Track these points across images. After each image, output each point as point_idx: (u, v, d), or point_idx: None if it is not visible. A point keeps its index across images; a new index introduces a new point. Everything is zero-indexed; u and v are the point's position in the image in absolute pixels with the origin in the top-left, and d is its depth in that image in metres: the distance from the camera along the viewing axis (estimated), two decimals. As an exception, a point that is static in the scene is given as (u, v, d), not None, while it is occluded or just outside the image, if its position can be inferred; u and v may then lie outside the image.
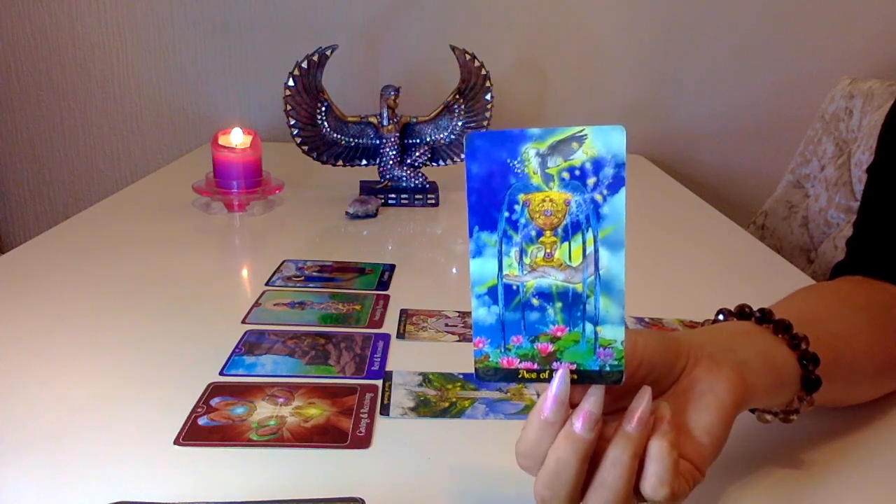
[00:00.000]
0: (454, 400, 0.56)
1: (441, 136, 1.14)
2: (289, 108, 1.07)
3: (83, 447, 0.49)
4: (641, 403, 0.36)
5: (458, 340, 0.66)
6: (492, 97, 1.11)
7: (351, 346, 0.64)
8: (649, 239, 1.02)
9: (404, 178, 1.13)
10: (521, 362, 0.37)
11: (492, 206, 0.36)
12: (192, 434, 0.50)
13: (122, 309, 0.72)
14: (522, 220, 0.36)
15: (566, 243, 0.36)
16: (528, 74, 1.59)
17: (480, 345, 0.37)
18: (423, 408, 0.55)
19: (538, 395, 0.53)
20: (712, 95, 1.60)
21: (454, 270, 0.91)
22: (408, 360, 0.62)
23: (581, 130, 0.35)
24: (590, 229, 0.35)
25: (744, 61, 1.58)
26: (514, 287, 0.37)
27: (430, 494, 0.45)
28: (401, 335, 0.67)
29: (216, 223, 1.02)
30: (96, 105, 1.60)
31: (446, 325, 0.69)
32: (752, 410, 0.47)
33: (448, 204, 1.13)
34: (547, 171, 0.35)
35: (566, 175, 0.35)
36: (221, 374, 0.59)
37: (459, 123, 1.13)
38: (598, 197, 0.35)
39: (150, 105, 1.61)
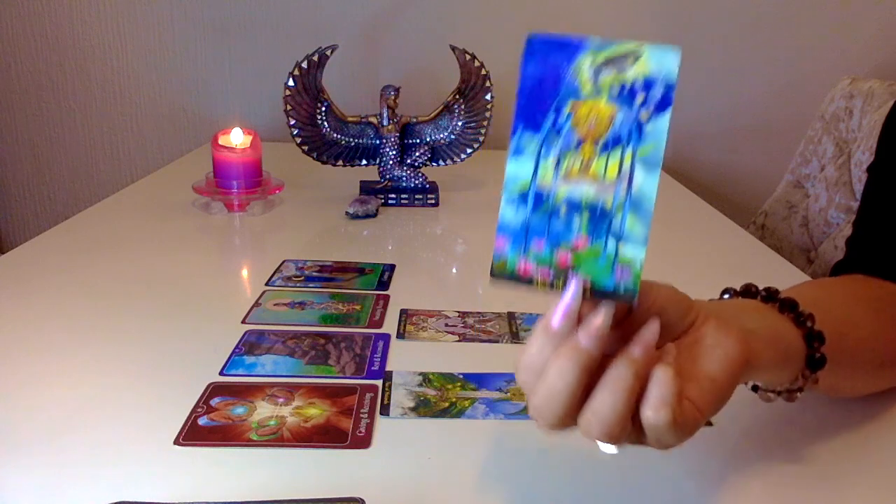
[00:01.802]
0: (454, 400, 0.56)
1: (441, 136, 1.14)
2: (289, 108, 1.07)
3: (83, 447, 0.49)
4: (649, 330, 0.36)
5: (458, 340, 0.66)
6: (492, 97, 1.11)
7: (351, 346, 0.64)
8: (649, 239, 1.02)
9: (404, 178, 1.13)
10: (537, 270, 0.37)
11: (539, 109, 0.36)
12: (192, 434, 0.50)
13: (121, 309, 0.72)
14: (566, 128, 0.36)
15: (604, 156, 0.36)
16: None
17: (501, 245, 0.37)
18: (423, 408, 0.55)
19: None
20: (712, 95, 1.60)
21: (454, 270, 0.91)
22: (408, 360, 0.62)
23: (639, 46, 0.35)
24: (630, 145, 0.35)
25: (744, 61, 1.58)
26: (545, 193, 0.36)
27: (430, 494, 0.45)
28: (401, 335, 0.67)
29: (216, 223, 1.02)
30: (96, 105, 1.60)
31: (446, 325, 0.69)
32: (755, 390, 0.47)
33: (448, 204, 1.13)
34: (599, 82, 0.35)
35: (616, 89, 0.35)
36: (221, 374, 0.59)
37: (459, 123, 1.13)
38: (643, 115, 0.35)
39: (150, 105, 1.61)
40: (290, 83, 1.06)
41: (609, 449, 0.37)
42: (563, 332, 0.36)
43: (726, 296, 0.48)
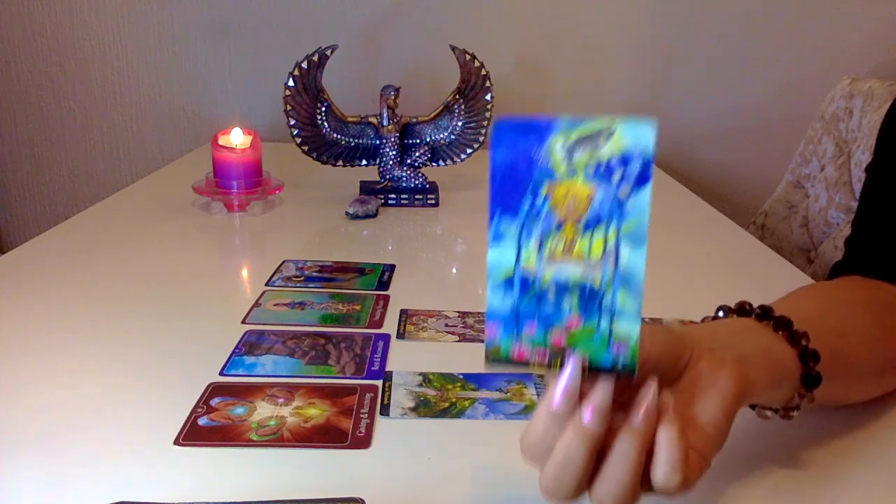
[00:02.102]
0: (454, 400, 0.56)
1: (441, 136, 1.14)
2: (289, 108, 1.07)
3: (83, 447, 0.49)
4: (648, 396, 0.36)
5: (458, 340, 0.66)
6: (492, 97, 1.11)
7: (351, 346, 0.64)
8: (649, 239, 1.02)
9: (404, 178, 1.13)
10: (532, 353, 0.37)
11: (514, 195, 0.35)
12: (192, 434, 0.50)
13: (121, 309, 0.72)
14: (544, 211, 0.35)
15: (587, 237, 0.35)
16: (528, 74, 1.59)
17: (493, 332, 0.37)
18: (423, 408, 0.55)
19: (538, 396, 0.53)
20: (712, 95, 1.60)
21: (454, 270, 0.91)
22: (408, 360, 0.62)
23: (611, 123, 0.34)
24: (612, 224, 0.35)
25: (744, 61, 1.58)
26: (531, 278, 0.36)
27: (430, 494, 0.45)
28: (401, 335, 0.67)
29: (216, 223, 1.02)
30: (96, 105, 1.60)
31: (446, 325, 0.69)
32: (753, 407, 0.47)
33: (448, 204, 1.13)
34: (573, 163, 0.35)
35: (592, 168, 0.35)
36: (221, 374, 0.59)
37: (459, 123, 1.13)
38: (622, 191, 0.34)
39: (150, 105, 1.61)
40: (290, 83, 1.06)
41: None
42: (565, 411, 0.36)
43: (721, 313, 0.48)
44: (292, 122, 1.08)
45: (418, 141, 1.14)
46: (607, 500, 0.36)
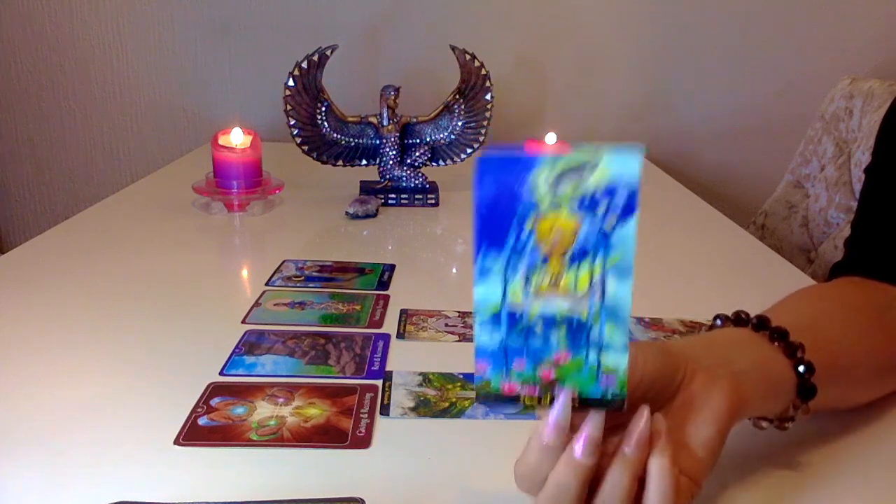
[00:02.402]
0: (454, 400, 0.56)
1: (441, 136, 1.14)
2: (289, 108, 1.07)
3: (83, 447, 0.49)
4: (640, 424, 0.36)
5: (458, 340, 0.66)
6: (492, 97, 1.10)
7: (351, 346, 0.64)
8: (649, 239, 1.01)
9: (404, 178, 1.13)
10: (522, 388, 0.37)
11: (499, 230, 0.35)
12: (192, 434, 0.50)
13: (122, 309, 0.72)
14: (530, 245, 0.35)
15: (573, 270, 0.35)
16: (528, 74, 1.59)
17: (482, 369, 0.37)
18: (423, 408, 0.55)
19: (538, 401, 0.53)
20: (712, 95, 1.60)
21: (454, 270, 0.91)
22: (408, 360, 0.62)
23: (595, 156, 0.34)
24: (598, 257, 0.35)
25: (744, 61, 1.58)
26: (518, 313, 0.36)
27: (430, 494, 0.45)
28: (401, 335, 0.67)
29: (216, 223, 1.02)
30: (96, 105, 1.60)
31: (446, 325, 0.69)
32: (748, 418, 0.47)
33: (448, 204, 1.13)
34: (558, 195, 0.34)
35: (577, 200, 0.34)
36: (221, 374, 0.59)
37: (459, 123, 1.13)
38: (608, 223, 0.34)
39: (150, 105, 1.61)
40: (290, 83, 1.06)
41: None
42: (556, 445, 0.36)
43: (718, 322, 0.48)
44: (292, 122, 1.08)
45: (418, 141, 1.14)
46: None
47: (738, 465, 0.48)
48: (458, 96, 1.12)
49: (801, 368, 0.44)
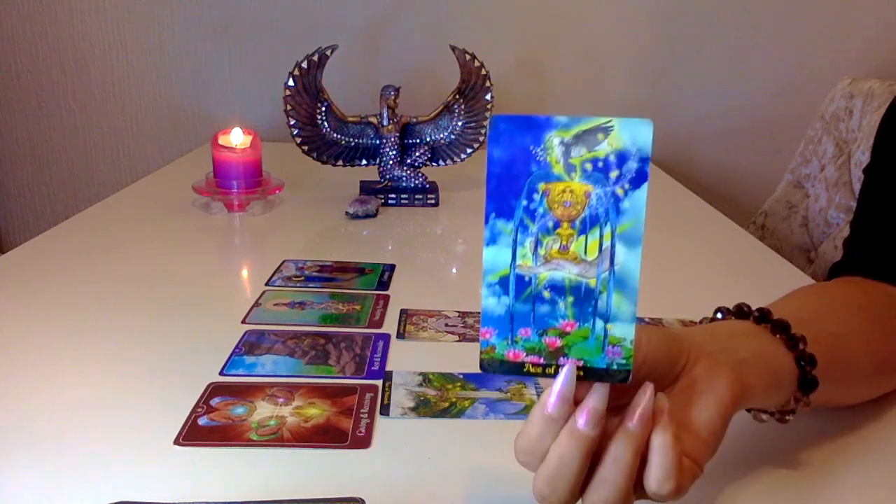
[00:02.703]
0: (454, 400, 0.56)
1: (441, 136, 1.14)
2: (289, 108, 1.07)
3: (83, 447, 0.49)
4: (643, 400, 0.36)
5: (458, 340, 0.66)
6: (492, 97, 1.11)
7: (351, 346, 0.64)
8: (649, 239, 1.01)
9: (404, 178, 1.13)
10: (527, 356, 0.37)
11: (510, 194, 0.35)
12: (192, 434, 0.50)
13: (121, 309, 0.72)
14: (540, 210, 0.35)
15: (583, 236, 0.35)
16: (528, 74, 1.59)
17: (487, 335, 0.37)
18: (423, 408, 0.55)
19: (538, 396, 0.53)
20: (712, 95, 1.60)
21: (454, 270, 0.91)
22: (408, 360, 0.62)
23: (608, 122, 0.34)
24: (608, 223, 0.35)
25: (744, 61, 1.58)
26: (527, 278, 0.36)
27: (430, 494, 0.45)
28: (401, 335, 0.67)
29: (216, 223, 1.02)
30: (96, 105, 1.60)
31: (446, 325, 0.69)
32: (749, 410, 0.47)
33: (448, 204, 1.13)
34: (570, 160, 0.34)
35: (589, 166, 0.34)
36: (221, 374, 0.59)
37: (459, 123, 1.13)
38: (619, 191, 0.34)
39: (150, 105, 1.61)
40: (290, 83, 1.06)
41: None
42: (559, 416, 0.36)
43: (719, 315, 0.48)
44: (292, 122, 1.08)
45: (418, 141, 1.14)
46: None
47: (738, 465, 0.48)
48: (458, 96, 1.12)
49: (802, 361, 0.44)
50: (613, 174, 0.34)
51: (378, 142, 1.12)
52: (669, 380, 0.40)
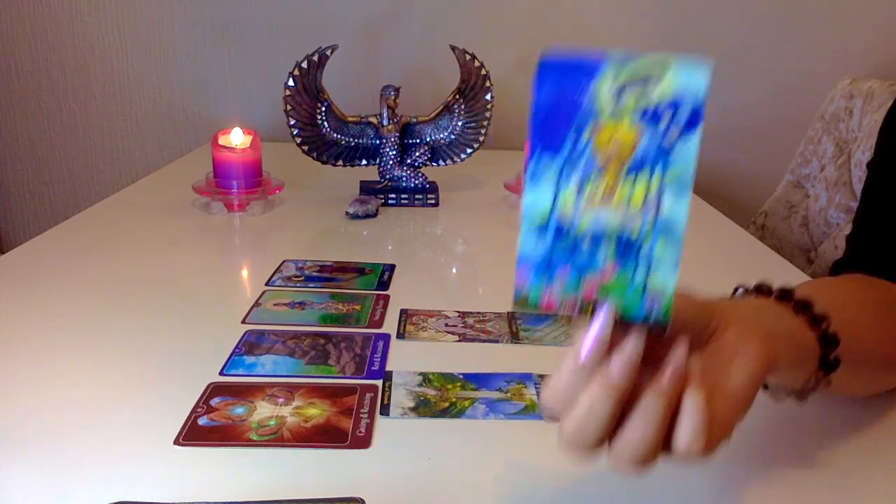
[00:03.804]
0: (454, 400, 0.56)
1: (441, 136, 1.14)
2: (289, 108, 1.07)
3: (83, 447, 0.49)
4: (677, 356, 0.35)
5: (458, 340, 0.66)
6: (492, 97, 1.11)
7: (351, 346, 0.64)
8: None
9: (404, 178, 1.13)
10: (562, 300, 0.35)
11: (556, 134, 0.34)
12: (192, 434, 0.50)
13: (122, 309, 0.72)
14: (586, 155, 0.34)
15: (629, 183, 0.34)
16: (528, 74, 1.58)
17: (523, 277, 0.35)
18: (423, 408, 0.55)
19: (538, 396, 0.53)
20: (712, 95, 1.57)
21: (454, 270, 0.91)
22: (408, 360, 0.62)
23: (663, 63, 0.32)
24: (656, 171, 0.33)
25: (743, 61, 1.58)
26: (568, 222, 0.34)
27: (430, 494, 0.45)
28: (401, 335, 0.67)
29: (216, 223, 1.02)
30: (96, 105, 1.60)
31: (446, 325, 0.69)
32: (766, 388, 0.47)
33: (448, 204, 1.13)
34: (620, 103, 0.33)
35: (639, 111, 0.33)
36: (221, 374, 0.59)
37: (459, 123, 1.13)
38: (670, 136, 0.33)
39: (150, 105, 1.61)
40: (290, 83, 1.06)
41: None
42: (593, 362, 0.35)
43: (739, 290, 0.48)
44: (292, 122, 1.08)
45: (418, 141, 1.14)
46: (626, 456, 0.35)
47: (740, 465, 0.48)
48: (458, 96, 1.12)
49: (825, 340, 0.44)
50: (665, 119, 0.33)
51: (378, 142, 1.12)
52: (699, 344, 0.39)
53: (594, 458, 0.36)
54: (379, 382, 0.58)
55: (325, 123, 1.11)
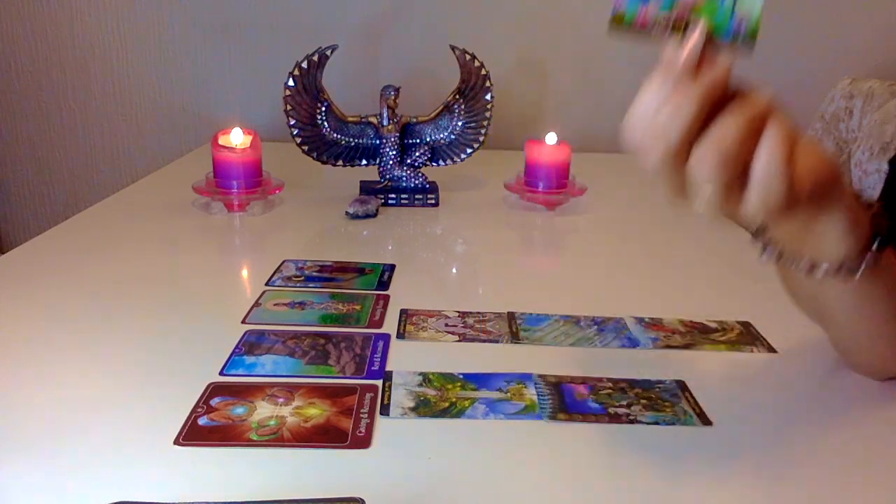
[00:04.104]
0: (454, 400, 0.56)
1: (441, 136, 1.14)
2: (289, 108, 1.07)
3: (83, 447, 0.49)
4: (762, 88, 0.39)
5: (458, 340, 0.66)
6: (492, 97, 1.11)
7: (351, 346, 0.64)
8: (649, 239, 1.02)
9: (404, 178, 1.13)
10: (656, 18, 0.38)
11: None
12: (192, 434, 0.50)
13: (121, 309, 0.72)
14: None
15: None
16: (528, 74, 1.59)
17: None
18: (423, 408, 0.55)
19: (538, 397, 0.53)
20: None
21: (454, 270, 0.91)
22: (408, 360, 0.62)
23: None
24: None
25: (743, 62, 1.57)
26: None
27: (430, 494, 0.45)
28: (401, 335, 0.67)
29: (216, 223, 1.02)
30: (96, 105, 1.60)
31: (446, 325, 0.69)
32: (812, 269, 0.48)
33: (448, 204, 1.13)
34: None
35: None
36: (221, 374, 0.59)
37: (459, 123, 1.13)
38: None
39: (150, 105, 1.61)
40: (290, 83, 1.06)
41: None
42: (683, 74, 0.38)
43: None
44: (292, 122, 1.08)
45: (418, 141, 1.14)
46: (710, 152, 0.38)
47: (743, 461, 0.48)
48: (458, 96, 1.12)
49: (877, 227, 0.47)
50: None
51: (378, 142, 1.12)
52: None
53: (667, 173, 0.39)
54: (379, 382, 0.58)
55: (325, 123, 1.11)
